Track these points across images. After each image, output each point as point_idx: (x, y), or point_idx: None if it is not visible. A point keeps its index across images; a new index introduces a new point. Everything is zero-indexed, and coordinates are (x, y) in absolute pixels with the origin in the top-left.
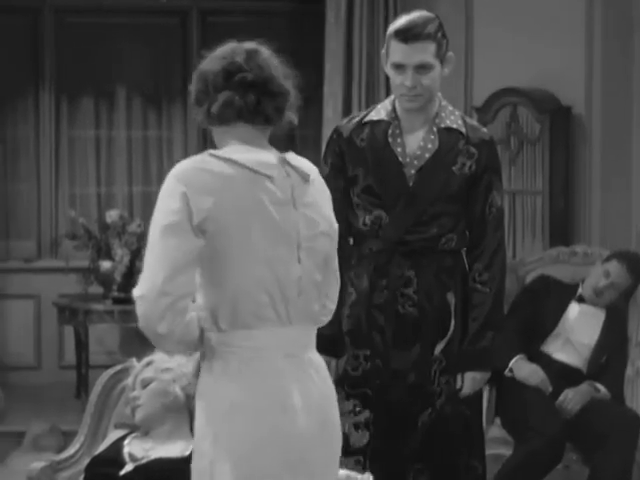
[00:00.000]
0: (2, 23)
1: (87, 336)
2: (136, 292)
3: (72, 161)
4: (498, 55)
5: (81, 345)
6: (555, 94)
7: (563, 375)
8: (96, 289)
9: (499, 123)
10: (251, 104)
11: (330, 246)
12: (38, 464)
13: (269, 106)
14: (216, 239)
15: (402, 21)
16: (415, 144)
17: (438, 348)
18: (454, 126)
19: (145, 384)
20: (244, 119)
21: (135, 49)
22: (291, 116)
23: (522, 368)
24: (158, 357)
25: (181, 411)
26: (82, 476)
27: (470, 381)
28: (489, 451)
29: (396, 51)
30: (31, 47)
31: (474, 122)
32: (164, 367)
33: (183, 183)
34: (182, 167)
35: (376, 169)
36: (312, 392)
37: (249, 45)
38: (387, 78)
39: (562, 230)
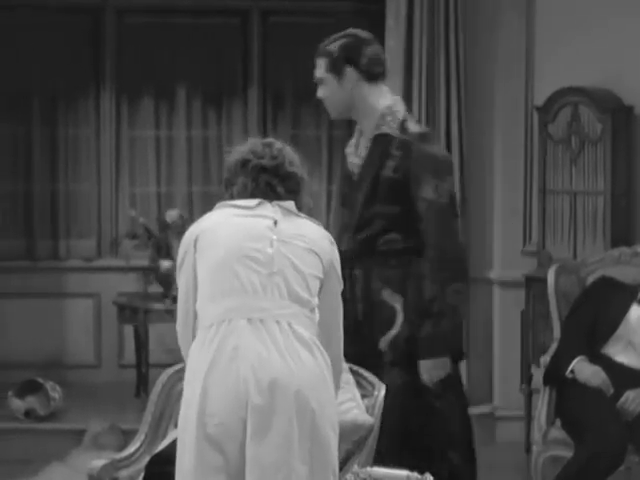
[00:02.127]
0: (63, 23)
1: (147, 335)
2: None
3: (132, 161)
4: (559, 54)
5: (141, 344)
6: (617, 93)
7: (624, 377)
8: (156, 288)
9: (560, 123)
10: (263, 185)
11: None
12: (99, 462)
13: (280, 187)
14: (198, 245)
15: None
16: (355, 153)
17: (383, 342)
18: (388, 131)
19: None
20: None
21: (196, 49)
22: (308, 200)
23: (584, 370)
24: None
25: None
26: (142, 474)
27: (424, 370)
28: (550, 452)
29: None
30: (92, 47)
31: (412, 122)
32: None
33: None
34: None
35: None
36: (265, 351)
37: (266, 139)
38: (447, 77)
39: (624, 230)
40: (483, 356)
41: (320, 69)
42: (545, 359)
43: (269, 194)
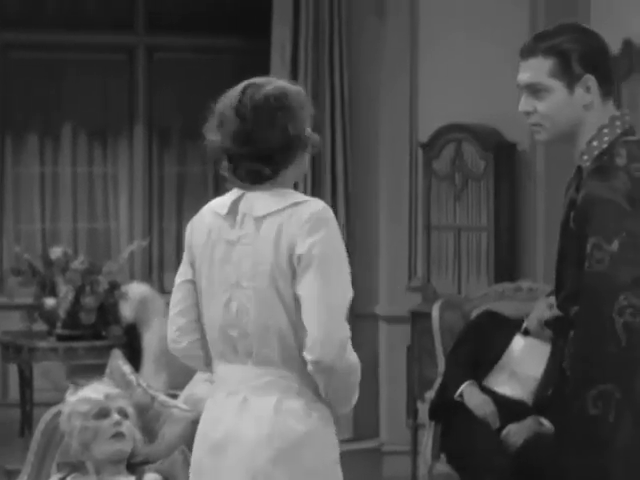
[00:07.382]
0: None
1: (31, 373)
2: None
3: (17, 197)
4: (443, 91)
5: (25, 382)
6: (500, 130)
7: (508, 409)
8: (40, 326)
9: (444, 159)
10: (244, 174)
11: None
12: None
13: (266, 168)
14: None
15: None
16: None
17: None
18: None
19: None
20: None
21: (81, 85)
22: (312, 138)
23: (473, 396)
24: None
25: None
26: None
27: None
28: None
29: None
30: None
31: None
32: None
33: None
34: None
35: None
36: (232, 431)
37: (242, 88)
38: (332, 115)
39: (507, 266)
40: (369, 391)
41: (538, 72)
42: (430, 394)
43: (255, 180)
